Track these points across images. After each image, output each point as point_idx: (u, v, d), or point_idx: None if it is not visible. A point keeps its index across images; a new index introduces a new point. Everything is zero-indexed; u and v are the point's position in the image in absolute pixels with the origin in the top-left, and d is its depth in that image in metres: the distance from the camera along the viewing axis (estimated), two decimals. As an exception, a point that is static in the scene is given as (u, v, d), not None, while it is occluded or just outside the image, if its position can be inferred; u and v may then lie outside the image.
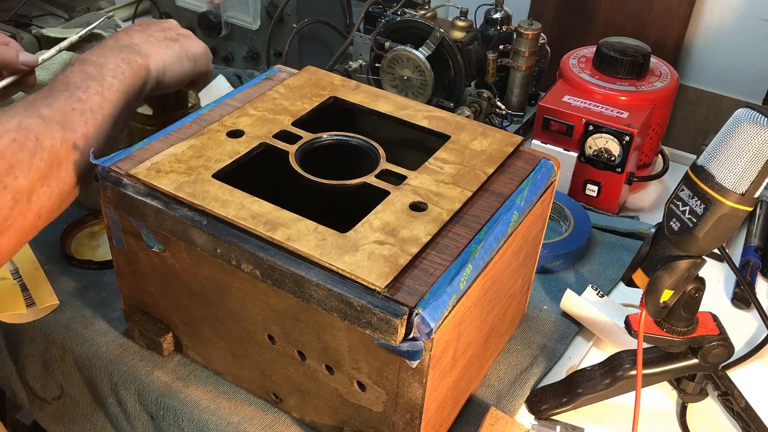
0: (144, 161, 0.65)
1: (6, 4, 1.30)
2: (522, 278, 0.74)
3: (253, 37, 1.25)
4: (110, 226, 0.69)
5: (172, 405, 0.72)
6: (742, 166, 0.55)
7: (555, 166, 0.71)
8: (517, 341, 0.80)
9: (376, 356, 0.58)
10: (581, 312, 0.81)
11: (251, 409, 0.71)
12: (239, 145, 0.68)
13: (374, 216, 0.61)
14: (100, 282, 0.85)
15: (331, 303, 0.55)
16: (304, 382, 0.66)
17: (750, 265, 0.91)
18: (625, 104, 0.98)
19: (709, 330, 0.67)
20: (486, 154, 0.69)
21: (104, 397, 0.78)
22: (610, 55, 1.01)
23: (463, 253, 0.59)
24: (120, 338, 0.78)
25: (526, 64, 1.10)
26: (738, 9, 1.62)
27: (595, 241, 0.95)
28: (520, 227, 0.65)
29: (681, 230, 0.59)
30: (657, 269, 0.61)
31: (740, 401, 0.72)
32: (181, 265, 0.66)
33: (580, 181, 1.01)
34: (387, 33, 1.09)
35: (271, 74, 0.82)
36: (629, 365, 0.69)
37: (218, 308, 0.67)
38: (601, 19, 1.69)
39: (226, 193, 0.62)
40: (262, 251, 0.58)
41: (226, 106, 0.75)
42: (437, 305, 0.54)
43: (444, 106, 1.09)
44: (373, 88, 0.80)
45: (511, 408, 0.72)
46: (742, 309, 0.87)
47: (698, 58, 1.71)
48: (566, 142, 0.99)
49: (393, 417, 0.61)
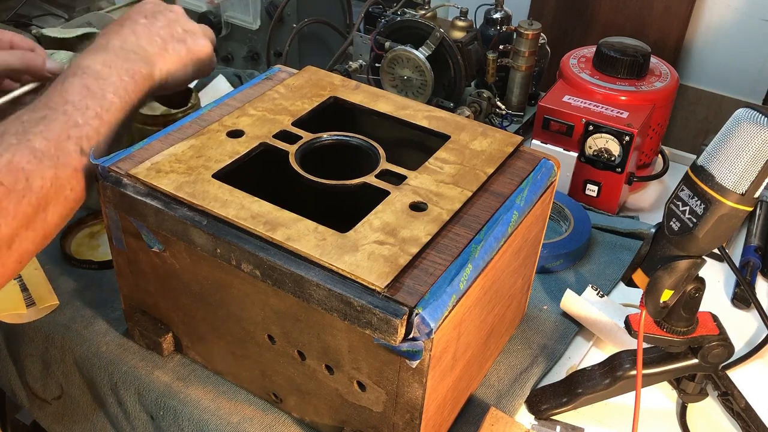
0: (144, 161, 0.65)
1: (6, 4, 1.30)
2: (522, 278, 0.74)
3: (253, 37, 1.25)
4: (110, 226, 0.69)
5: (172, 405, 0.72)
6: (742, 166, 0.55)
7: (555, 166, 0.71)
8: (517, 341, 0.80)
9: (376, 356, 0.58)
10: (581, 312, 0.81)
11: (251, 409, 0.71)
12: (239, 145, 0.68)
13: (374, 216, 0.61)
14: (100, 282, 0.85)
15: (331, 303, 0.55)
16: (304, 382, 0.66)
17: (750, 265, 0.91)
18: (625, 104, 0.98)
19: (709, 330, 0.67)
20: (486, 154, 0.69)
21: (104, 397, 0.78)
22: (610, 55, 1.01)
23: (463, 253, 0.59)
24: (120, 338, 0.78)
25: (526, 64, 1.10)
26: (738, 9, 1.62)
27: (595, 241, 0.95)
28: (520, 227, 0.65)
29: (681, 230, 0.59)
30: (657, 269, 0.61)
31: (740, 401, 0.72)
32: (181, 265, 0.66)
33: (580, 181, 1.01)
34: (387, 33, 1.09)
35: (271, 74, 0.82)
36: (629, 365, 0.69)
37: (218, 308, 0.67)
38: (601, 19, 1.69)
39: (226, 193, 0.62)
40: (262, 251, 0.58)
41: (226, 106, 0.75)
42: (437, 305, 0.54)
43: (444, 106, 1.09)
44: (373, 88, 0.80)
45: (511, 408, 0.72)
46: (742, 309, 0.87)
47: (698, 58, 1.71)
48: (566, 142, 0.99)
49: (393, 417, 0.61)
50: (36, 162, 0.57)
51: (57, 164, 0.59)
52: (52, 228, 0.60)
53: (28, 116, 0.60)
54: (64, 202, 0.60)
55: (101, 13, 1.27)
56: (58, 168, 0.59)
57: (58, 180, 0.59)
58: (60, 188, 0.59)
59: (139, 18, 0.73)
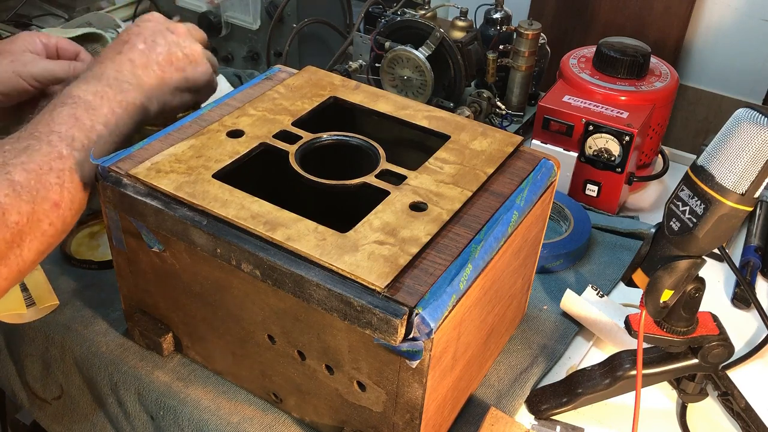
0: (144, 161, 0.65)
1: (6, 4, 1.30)
2: (522, 278, 0.74)
3: (253, 37, 1.25)
4: (110, 226, 0.69)
5: (172, 405, 0.72)
6: (742, 166, 0.55)
7: (555, 166, 0.71)
8: (517, 341, 0.80)
9: (376, 356, 0.58)
10: (581, 312, 0.81)
11: (251, 409, 0.71)
12: (239, 145, 0.68)
13: (374, 216, 0.61)
14: (100, 282, 0.85)
15: (331, 303, 0.55)
16: (304, 382, 0.66)
17: (750, 265, 0.91)
18: (625, 104, 0.98)
19: (709, 330, 0.67)
20: (486, 154, 0.69)
21: (104, 397, 0.78)
22: (610, 55, 1.01)
23: (463, 253, 0.59)
24: (120, 338, 0.78)
25: (526, 64, 1.10)
26: (738, 9, 1.62)
27: (595, 241, 0.95)
28: (520, 227, 0.65)
29: (681, 230, 0.59)
30: (657, 269, 0.61)
31: (740, 401, 0.72)
32: (181, 265, 0.66)
33: (580, 181, 1.01)
34: (387, 33, 1.09)
35: (271, 74, 0.82)
36: (629, 365, 0.69)
37: (218, 308, 0.67)
38: (601, 19, 1.69)
39: (226, 193, 0.62)
40: (262, 251, 0.58)
41: (226, 106, 0.75)
42: (437, 305, 0.54)
43: (444, 106, 1.09)
44: (373, 88, 0.80)
45: (511, 408, 0.72)
46: (742, 309, 0.87)
47: (698, 58, 1.71)
48: (566, 142, 0.99)
49: (393, 417, 0.61)
50: (14, 196, 0.55)
51: (36, 198, 0.57)
52: (27, 264, 0.58)
53: (10, 146, 0.58)
54: (41, 238, 0.58)
55: (101, 13, 1.27)
56: (36, 202, 0.57)
57: (35, 215, 0.57)
58: (37, 223, 0.57)
59: (138, 42, 0.70)
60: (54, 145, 0.59)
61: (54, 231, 0.59)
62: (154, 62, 0.70)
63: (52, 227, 0.59)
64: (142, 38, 0.71)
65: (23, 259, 0.57)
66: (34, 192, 0.57)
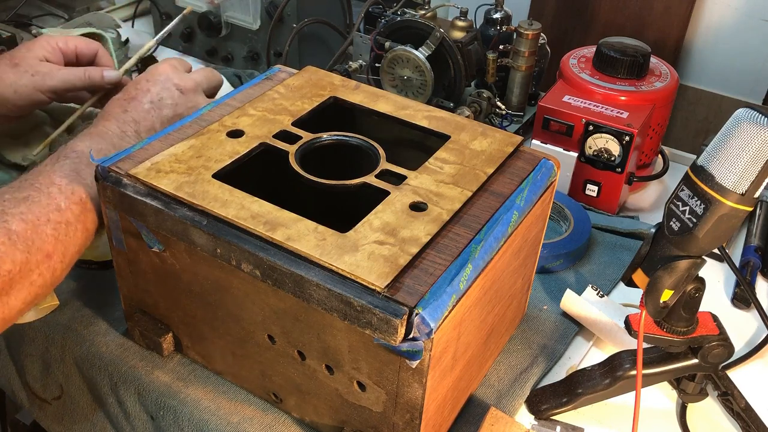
0: (144, 161, 0.65)
1: (6, 4, 1.30)
2: (522, 278, 0.74)
3: (253, 37, 1.25)
4: (110, 226, 0.69)
5: (172, 405, 0.72)
6: (742, 166, 0.55)
7: (555, 166, 0.71)
8: (517, 341, 0.80)
9: (376, 356, 0.58)
10: (581, 312, 0.81)
11: (251, 409, 0.71)
12: (239, 145, 0.68)
13: (374, 216, 0.61)
14: (100, 282, 0.85)
15: (331, 303, 0.55)
16: (304, 382, 0.66)
17: (750, 265, 0.91)
18: (625, 104, 0.98)
19: (709, 330, 0.67)
20: (486, 154, 0.69)
21: (104, 397, 0.78)
22: (610, 55, 1.01)
23: (463, 253, 0.59)
24: (120, 338, 0.78)
25: (526, 64, 1.10)
26: (738, 9, 1.62)
27: (595, 241, 0.95)
28: (520, 227, 0.65)
29: (681, 230, 0.59)
30: (657, 269, 0.61)
31: (740, 401, 0.72)
32: (181, 265, 0.66)
33: (580, 181, 1.01)
34: (387, 33, 1.09)
35: (271, 74, 0.82)
36: (629, 365, 0.69)
37: (218, 308, 0.67)
38: (601, 19, 1.69)
39: (226, 193, 0.62)
40: (262, 251, 0.58)
41: (226, 106, 0.75)
42: (437, 305, 0.54)
43: (444, 106, 1.09)
44: (373, 88, 0.80)
45: (511, 408, 0.72)
46: (742, 309, 0.87)
47: (698, 58, 1.71)
48: (566, 142, 0.99)
49: (393, 417, 0.61)
50: (9, 244, 0.56)
51: (30, 248, 0.57)
52: (13, 313, 0.58)
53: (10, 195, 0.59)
54: (29, 288, 0.58)
55: (101, 13, 1.27)
56: (30, 252, 0.57)
57: (27, 264, 0.57)
58: (27, 273, 0.57)
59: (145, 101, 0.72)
60: (53, 197, 0.61)
61: (42, 282, 0.60)
62: (158, 122, 0.72)
63: (41, 278, 0.59)
64: (149, 97, 0.73)
65: (9, 307, 0.57)
66: (30, 242, 0.58)
